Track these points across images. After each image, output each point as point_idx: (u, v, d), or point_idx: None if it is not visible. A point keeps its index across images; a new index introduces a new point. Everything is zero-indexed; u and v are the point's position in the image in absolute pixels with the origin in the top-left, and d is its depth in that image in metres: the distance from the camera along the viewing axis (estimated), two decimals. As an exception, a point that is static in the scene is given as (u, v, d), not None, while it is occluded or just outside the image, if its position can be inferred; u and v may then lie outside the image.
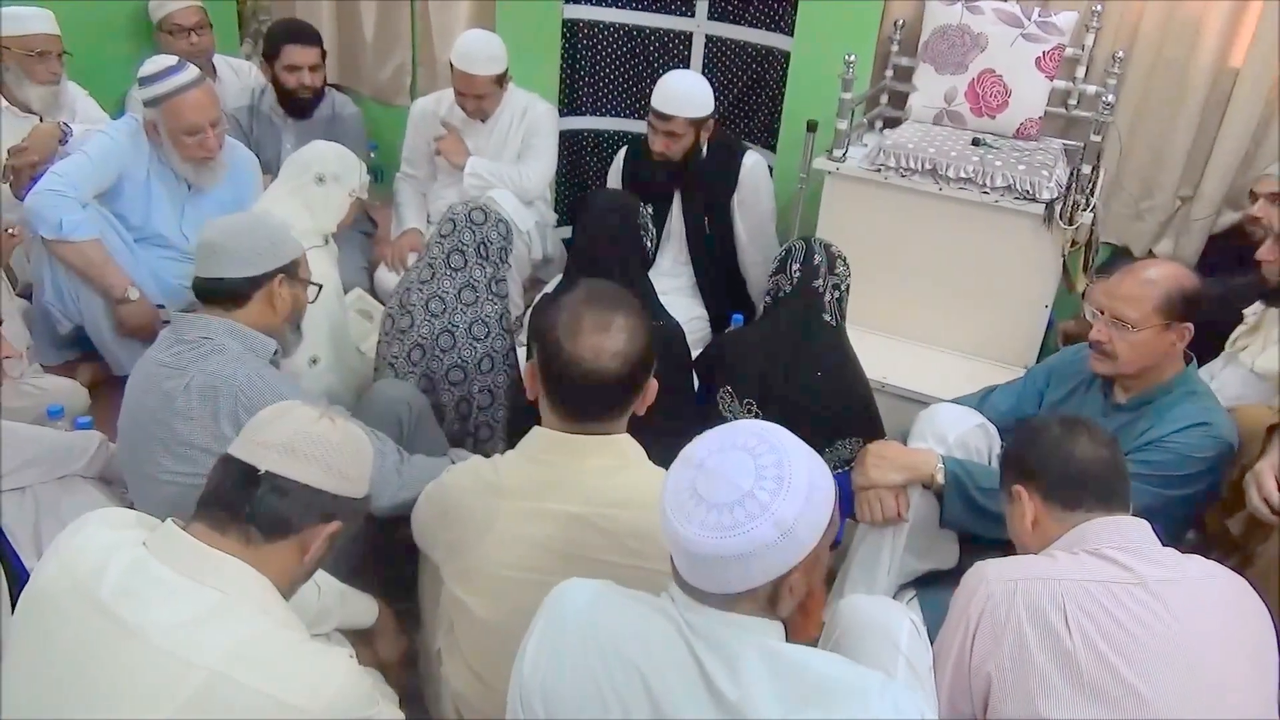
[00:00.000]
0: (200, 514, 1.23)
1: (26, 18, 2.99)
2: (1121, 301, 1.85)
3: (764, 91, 3.36)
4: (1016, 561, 1.43)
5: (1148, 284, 1.83)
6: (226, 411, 1.72)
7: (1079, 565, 1.37)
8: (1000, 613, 1.34)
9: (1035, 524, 1.49)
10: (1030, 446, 1.53)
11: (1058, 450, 1.48)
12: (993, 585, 1.36)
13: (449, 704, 1.56)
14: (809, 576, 1.11)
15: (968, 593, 1.40)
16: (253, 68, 3.66)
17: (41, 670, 1.14)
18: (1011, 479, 1.54)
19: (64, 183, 2.53)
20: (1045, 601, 1.32)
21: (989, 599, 1.35)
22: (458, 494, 1.53)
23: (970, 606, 1.38)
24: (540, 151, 3.18)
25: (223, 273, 1.81)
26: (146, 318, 2.65)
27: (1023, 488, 1.50)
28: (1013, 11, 2.83)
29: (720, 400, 2.18)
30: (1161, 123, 2.93)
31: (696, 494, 1.07)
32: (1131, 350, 1.85)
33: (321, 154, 2.47)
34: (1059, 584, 1.33)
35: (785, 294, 2.18)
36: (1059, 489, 1.47)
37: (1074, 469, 1.46)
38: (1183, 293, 1.82)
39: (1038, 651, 1.30)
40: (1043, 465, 1.49)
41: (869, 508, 1.92)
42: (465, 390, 2.24)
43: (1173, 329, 1.82)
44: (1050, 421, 1.55)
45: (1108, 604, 1.31)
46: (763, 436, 1.10)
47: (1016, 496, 1.51)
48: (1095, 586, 1.33)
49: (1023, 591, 1.34)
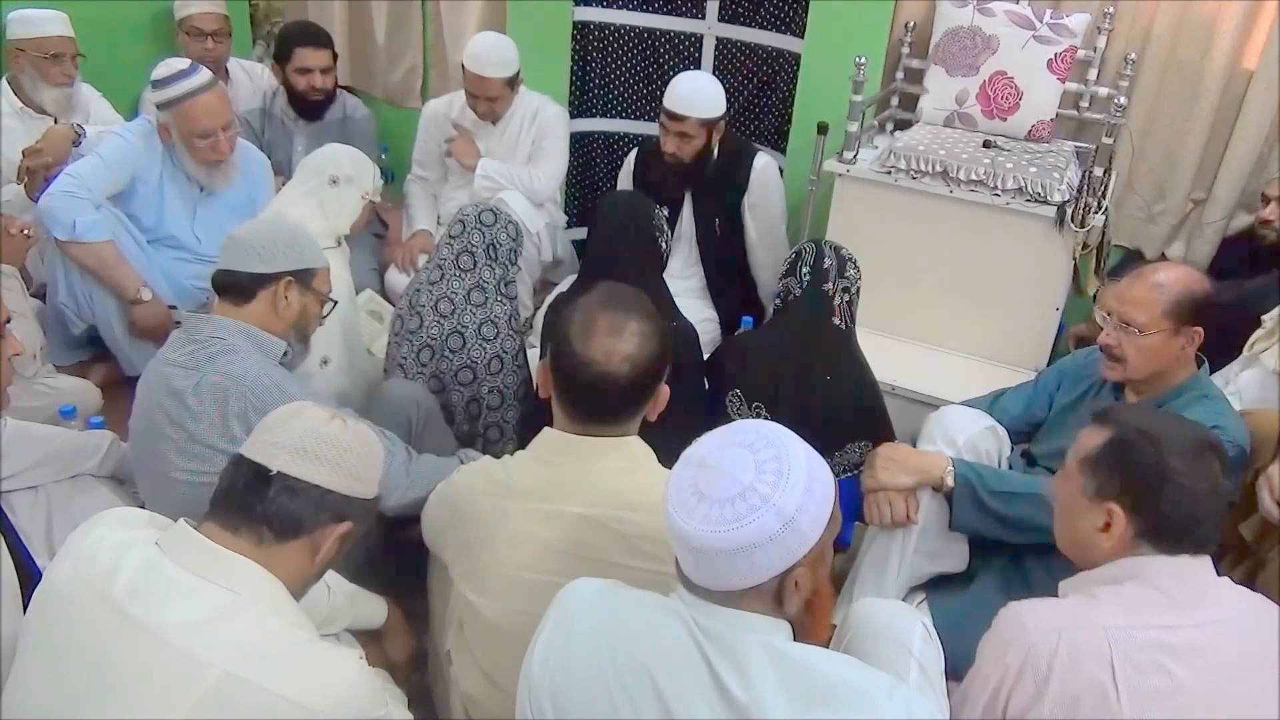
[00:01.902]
0: (212, 514, 1.23)
1: (41, 20, 3.02)
2: (1130, 305, 1.84)
3: (774, 94, 3.36)
4: (1056, 607, 1.31)
5: (1156, 288, 1.82)
6: (236, 411, 1.73)
7: (1126, 605, 1.26)
8: (1042, 665, 1.23)
9: (1111, 548, 1.32)
10: (1154, 481, 1.29)
11: (1187, 500, 1.27)
12: (1033, 635, 1.25)
13: (458, 704, 1.56)
14: (814, 574, 1.12)
15: (1003, 640, 1.29)
16: (265, 70, 3.68)
17: (54, 669, 1.14)
18: (1108, 491, 1.33)
19: (78, 184, 2.54)
20: (1091, 656, 1.22)
21: (1029, 650, 1.24)
22: (468, 494, 1.54)
23: (1008, 656, 1.27)
24: (551, 154, 3.18)
25: (234, 266, 1.83)
26: (159, 318, 2.66)
27: (1120, 510, 1.31)
28: (1024, 13, 2.82)
29: (730, 403, 2.18)
30: (1174, 125, 2.92)
31: (698, 490, 1.08)
32: (1140, 355, 1.84)
33: (336, 156, 2.48)
34: (1105, 633, 1.23)
35: (795, 297, 2.17)
36: (1163, 538, 1.29)
37: (1193, 525, 1.28)
38: (1192, 297, 1.80)
39: (1081, 711, 1.21)
40: (1161, 510, 1.28)
41: (878, 510, 1.92)
42: (475, 391, 2.25)
43: (1182, 333, 1.81)
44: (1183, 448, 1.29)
45: (1157, 655, 1.21)
46: (761, 434, 1.11)
47: (1105, 514, 1.32)
48: (1142, 634, 1.23)
49: (1066, 644, 1.23)
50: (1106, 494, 1.32)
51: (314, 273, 1.92)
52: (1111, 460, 1.34)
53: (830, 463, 2.16)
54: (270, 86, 3.48)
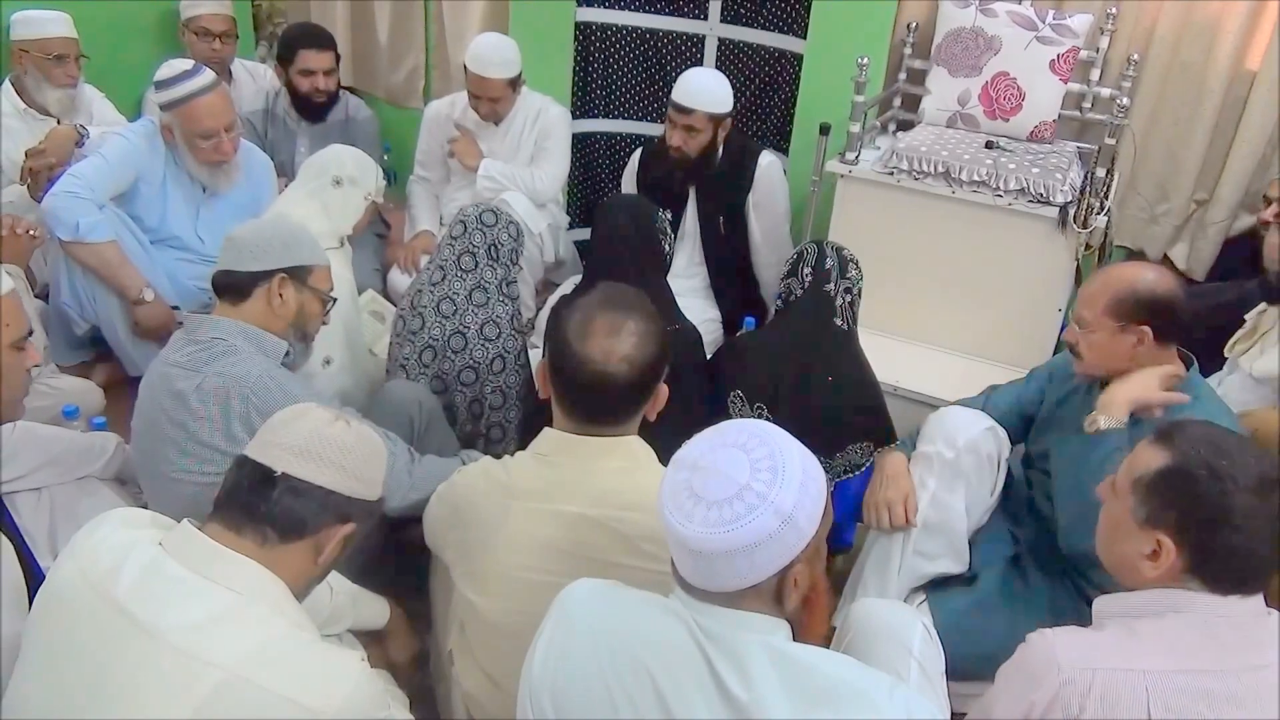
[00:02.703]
0: (216, 514, 1.24)
1: (44, 21, 3.03)
2: (1081, 302, 1.85)
3: (777, 94, 3.36)
4: (1092, 642, 1.23)
5: (1103, 285, 1.82)
6: (238, 413, 1.73)
7: (1167, 647, 1.19)
8: (1073, 706, 1.17)
9: (1156, 577, 1.24)
10: (1214, 519, 1.19)
11: (1245, 541, 1.18)
12: (1065, 672, 1.18)
13: (460, 705, 1.57)
14: (811, 569, 1.13)
15: (1032, 674, 1.22)
16: (268, 71, 3.69)
17: (58, 669, 1.15)
18: (1161, 520, 1.23)
19: (81, 185, 2.55)
20: (1127, 702, 1.15)
21: (1061, 688, 1.18)
22: (469, 494, 1.54)
23: (1036, 693, 1.20)
24: (553, 154, 3.19)
25: (231, 266, 1.84)
26: (162, 319, 2.66)
27: (1170, 543, 1.21)
28: (1027, 14, 2.82)
29: (731, 404, 2.18)
30: (1177, 126, 2.92)
31: (694, 494, 1.08)
32: (1090, 350, 1.84)
33: (339, 157, 2.49)
34: (1144, 678, 1.16)
35: (797, 297, 2.18)
36: (1214, 576, 1.21)
37: (1246, 565, 1.20)
38: (1134, 294, 1.76)
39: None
40: (1215, 547, 1.19)
41: (877, 515, 1.94)
42: (477, 391, 2.25)
43: (1129, 330, 1.77)
44: (1248, 483, 1.18)
45: (1196, 704, 1.15)
46: (752, 432, 1.11)
47: (1154, 542, 1.23)
48: (1185, 679, 1.16)
49: (1100, 685, 1.16)
50: (1157, 523, 1.23)
51: (310, 270, 1.91)
52: (1168, 491, 1.23)
53: (832, 463, 2.17)
54: (273, 87, 3.48)
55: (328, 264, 1.98)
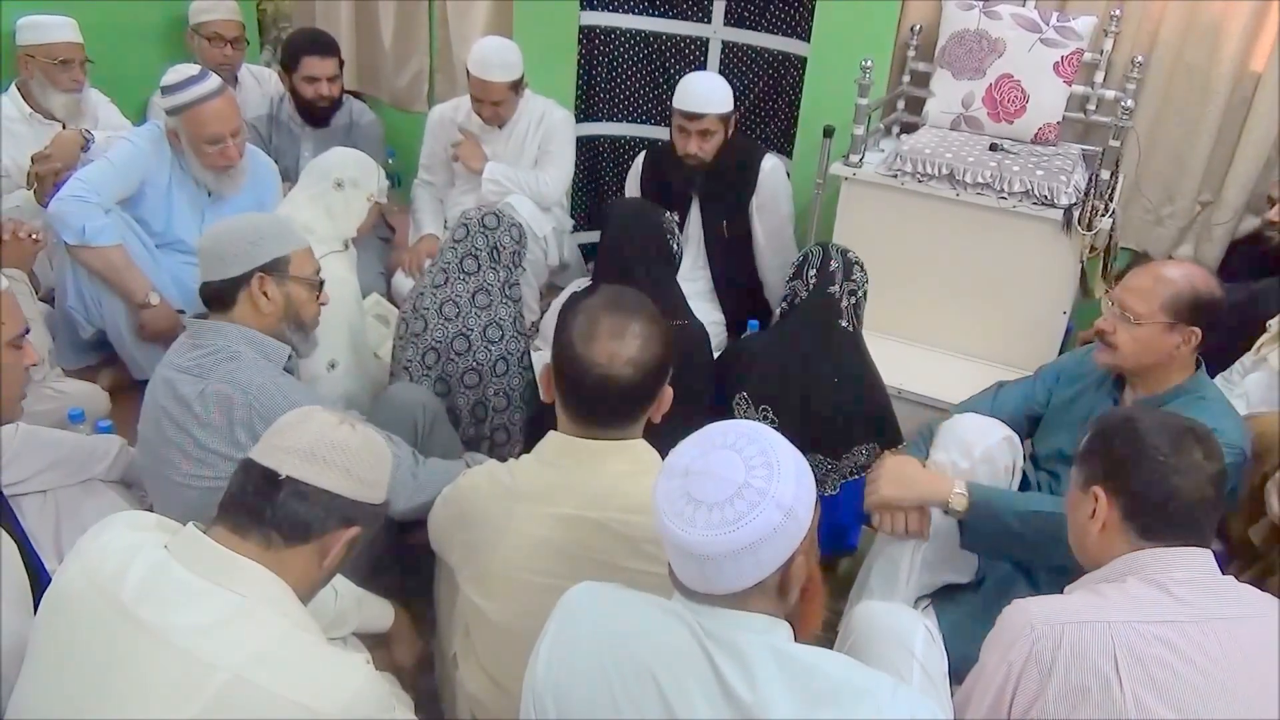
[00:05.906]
0: (221, 518, 1.24)
1: (50, 26, 3.04)
2: (1131, 293, 1.83)
3: (780, 97, 3.36)
4: (1061, 603, 1.32)
5: (1159, 280, 1.81)
6: (241, 419, 1.73)
7: (1129, 601, 1.27)
8: (1046, 658, 1.24)
9: (1103, 530, 1.35)
10: (1130, 457, 1.33)
11: (1161, 476, 1.30)
12: (1038, 629, 1.25)
13: (464, 707, 1.57)
14: (808, 560, 1.13)
15: (1008, 637, 1.29)
16: (273, 75, 3.69)
17: (63, 672, 1.15)
18: (1093, 476, 1.37)
19: (87, 189, 2.55)
20: (1095, 649, 1.22)
21: (1034, 644, 1.25)
22: (473, 497, 1.54)
23: (1012, 652, 1.27)
24: (557, 157, 3.19)
25: (207, 276, 1.84)
26: (167, 322, 2.67)
27: (1103, 491, 1.35)
28: (1031, 16, 2.82)
29: (736, 406, 2.18)
30: (1182, 127, 2.91)
31: (691, 499, 1.07)
32: (1133, 343, 1.82)
33: (341, 159, 2.49)
34: (1108, 628, 1.23)
35: (801, 300, 2.18)
36: (1144, 516, 1.32)
37: (1171, 505, 1.30)
38: (1194, 296, 1.77)
39: (1086, 705, 1.21)
40: (1137, 486, 1.32)
41: (890, 521, 1.89)
42: (481, 393, 2.25)
43: (1178, 330, 1.78)
44: (1162, 430, 1.34)
45: (1159, 649, 1.22)
46: (739, 432, 1.12)
47: (1091, 496, 1.36)
48: (1146, 628, 1.23)
49: (1069, 637, 1.24)
50: (1091, 480, 1.37)
51: (287, 260, 1.88)
52: (1093, 448, 1.40)
53: (837, 465, 2.17)
54: (278, 92, 3.49)
55: (305, 244, 1.93)
